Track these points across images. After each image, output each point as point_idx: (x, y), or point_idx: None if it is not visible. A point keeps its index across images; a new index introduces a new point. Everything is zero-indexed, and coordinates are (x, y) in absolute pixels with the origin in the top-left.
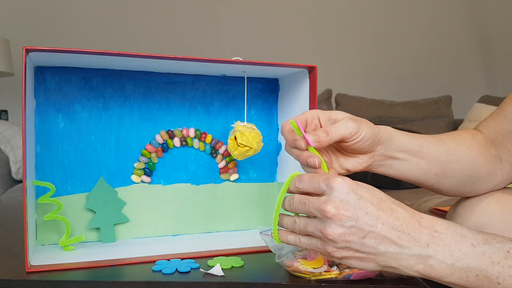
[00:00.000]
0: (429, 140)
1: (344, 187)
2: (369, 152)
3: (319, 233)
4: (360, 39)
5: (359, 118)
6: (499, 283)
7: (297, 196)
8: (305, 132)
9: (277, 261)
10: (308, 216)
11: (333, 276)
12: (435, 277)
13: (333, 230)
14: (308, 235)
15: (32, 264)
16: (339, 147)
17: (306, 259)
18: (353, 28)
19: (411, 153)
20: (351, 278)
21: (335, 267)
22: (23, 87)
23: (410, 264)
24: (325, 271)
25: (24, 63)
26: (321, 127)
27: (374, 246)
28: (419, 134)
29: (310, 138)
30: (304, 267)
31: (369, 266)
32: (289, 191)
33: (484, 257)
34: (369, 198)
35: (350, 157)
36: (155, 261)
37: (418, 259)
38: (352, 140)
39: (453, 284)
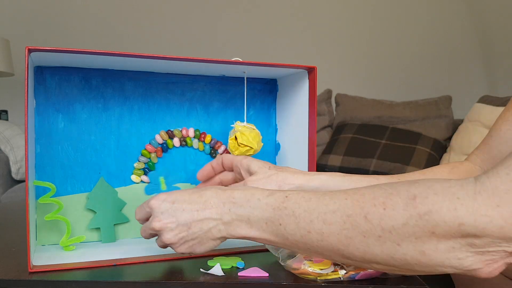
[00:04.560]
0: (381, 180)
1: (157, 202)
2: None
3: (163, 243)
4: (360, 39)
5: (273, 172)
6: (280, 224)
7: (142, 228)
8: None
9: (282, 264)
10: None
11: (340, 276)
12: (246, 236)
13: (168, 237)
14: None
15: (33, 264)
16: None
17: (312, 261)
18: (353, 28)
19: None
20: (357, 278)
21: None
22: (26, 87)
23: (226, 229)
24: (332, 272)
25: (26, 63)
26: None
27: (200, 228)
28: (373, 176)
29: None
30: (313, 268)
31: (210, 245)
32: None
33: (267, 207)
34: (181, 198)
35: None
36: (155, 261)
37: (229, 225)
38: None
39: (261, 239)
